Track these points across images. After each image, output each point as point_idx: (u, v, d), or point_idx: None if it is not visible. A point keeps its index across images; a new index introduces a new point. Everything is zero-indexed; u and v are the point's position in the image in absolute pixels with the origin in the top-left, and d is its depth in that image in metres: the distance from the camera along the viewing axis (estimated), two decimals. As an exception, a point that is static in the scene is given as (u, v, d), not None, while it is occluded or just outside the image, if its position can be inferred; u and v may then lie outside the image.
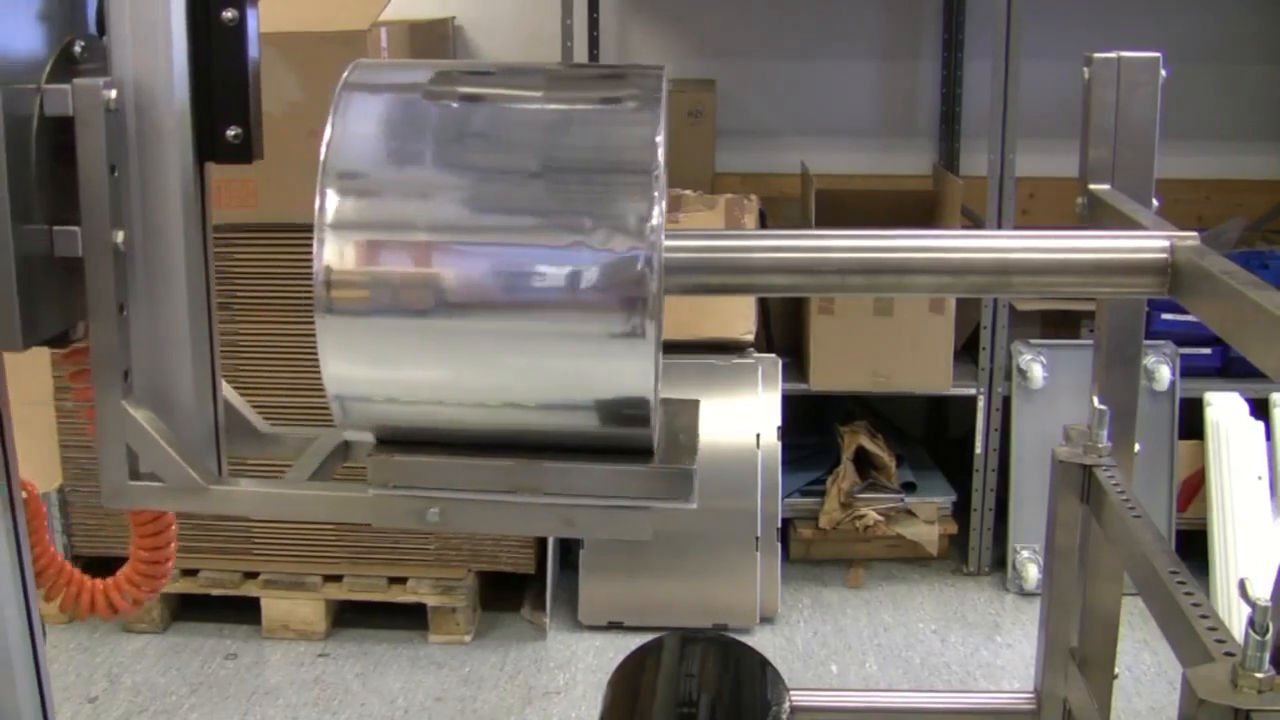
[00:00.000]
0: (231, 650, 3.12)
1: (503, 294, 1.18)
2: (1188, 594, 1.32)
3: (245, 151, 1.34)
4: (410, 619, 3.17)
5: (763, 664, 1.94)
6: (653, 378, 1.18)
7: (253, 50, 1.33)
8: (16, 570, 1.41)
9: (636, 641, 2.03)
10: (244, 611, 3.18)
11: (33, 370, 2.87)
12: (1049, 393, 3.35)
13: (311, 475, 1.41)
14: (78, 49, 1.34)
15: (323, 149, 1.20)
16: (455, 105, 1.26)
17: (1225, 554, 3.15)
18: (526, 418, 1.24)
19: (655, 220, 1.16)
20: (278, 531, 3.14)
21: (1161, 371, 3.29)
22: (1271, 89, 3.88)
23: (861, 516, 3.44)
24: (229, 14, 1.31)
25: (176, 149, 1.31)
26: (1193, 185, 3.81)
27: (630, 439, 1.25)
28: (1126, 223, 1.57)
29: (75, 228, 1.29)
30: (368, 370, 1.22)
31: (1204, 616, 1.27)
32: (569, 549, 3.34)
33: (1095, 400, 1.77)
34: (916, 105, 3.95)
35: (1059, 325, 3.49)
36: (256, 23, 1.34)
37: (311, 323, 1.19)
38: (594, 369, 1.19)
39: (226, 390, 1.44)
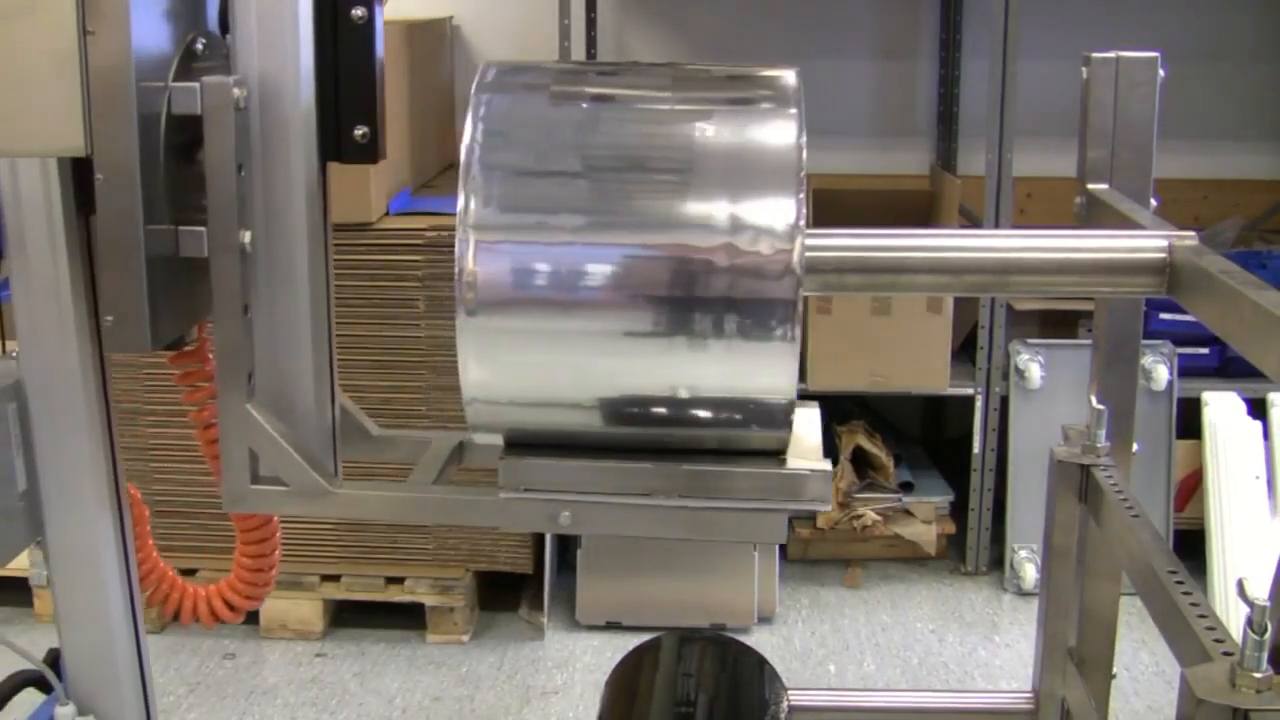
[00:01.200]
0: (229, 650, 3.12)
1: (647, 296, 1.16)
2: (1186, 594, 1.32)
3: (371, 151, 1.31)
4: (408, 619, 3.16)
5: (760, 664, 1.94)
6: (796, 379, 1.18)
7: (379, 49, 1.31)
8: (123, 575, 1.39)
9: (634, 641, 2.03)
10: (241, 611, 3.18)
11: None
12: (1047, 392, 3.35)
13: (435, 479, 1.40)
14: (199, 47, 1.31)
15: (462, 150, 1.18)
16: (591, 106, 1.23)
17: (1223, 554, 3.15)
18: (665, 420, 1.22)
19: (802, 223, 1.15)
20: (275, 531, 3.13)
21: (1159, 371, 3.29)
22: (1269, 89, 3.88)
23: (859, 516, 3.44)
24: (358, 12, 1.28)
25: (301, 148, 1.28)
26: (1190, 185, 3.81)
27: (765, 440, 1.24)
28: (1125, 222, 1.57)
29: (201, 228, 1.26)
30: (508, 373, 1.20)
31: (1202, 616, 1.26)
32: (566, 548, 3.33)
33: (1093, 400, 1.77)
34: (914, 105, 3.95)
35: (1057, 325, 3.48)
36: (383, 21, 1.31)
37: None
38: (739, 371, 1.18)
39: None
